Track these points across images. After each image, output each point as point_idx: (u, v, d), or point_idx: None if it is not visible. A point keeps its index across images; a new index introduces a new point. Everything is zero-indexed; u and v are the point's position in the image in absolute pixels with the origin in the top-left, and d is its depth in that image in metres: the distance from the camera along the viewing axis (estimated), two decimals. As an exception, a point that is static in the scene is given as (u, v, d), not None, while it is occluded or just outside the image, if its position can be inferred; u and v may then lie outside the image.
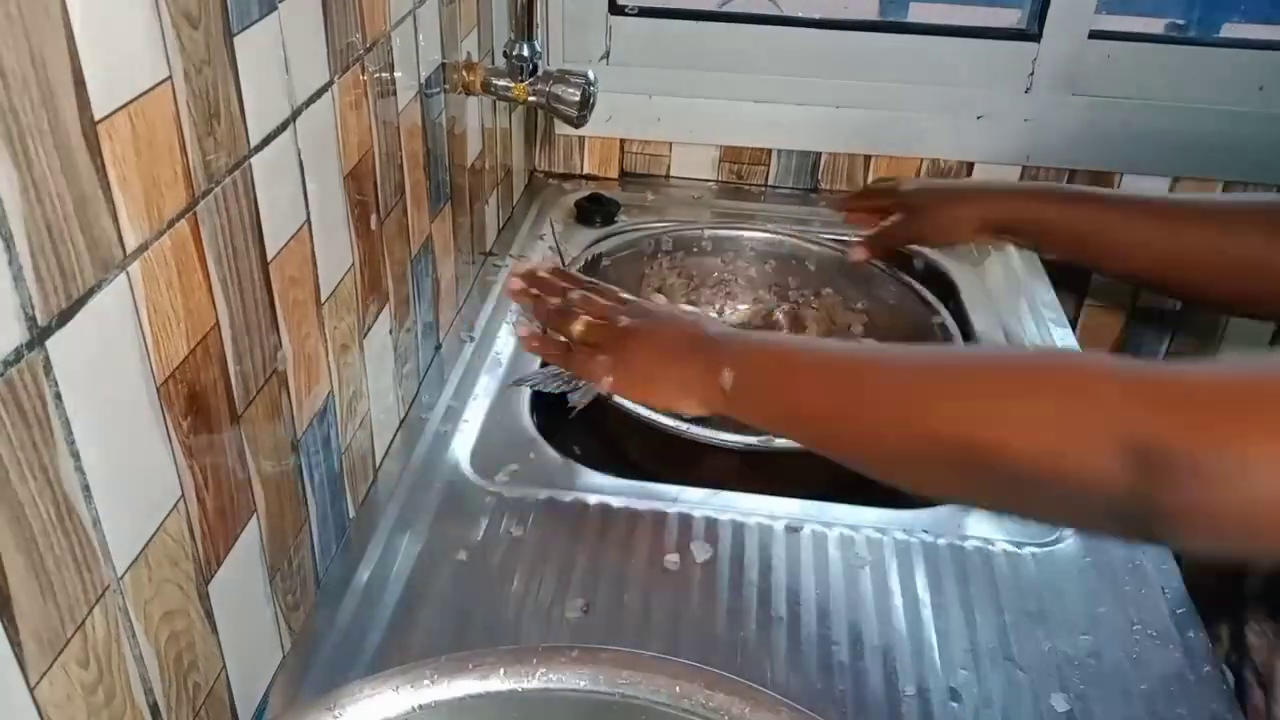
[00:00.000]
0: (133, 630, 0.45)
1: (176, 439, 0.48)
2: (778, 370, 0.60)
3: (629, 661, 0.51)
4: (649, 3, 1.21)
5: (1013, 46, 1.16)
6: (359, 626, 0.65)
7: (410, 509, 0.75)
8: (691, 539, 0.72)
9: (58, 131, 0.37)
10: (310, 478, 0.65)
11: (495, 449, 0.81)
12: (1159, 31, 1.37)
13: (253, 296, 0.54)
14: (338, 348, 0.67)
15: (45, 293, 0.37)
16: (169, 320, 0.46)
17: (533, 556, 0.71)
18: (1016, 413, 0.48)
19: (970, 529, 0.74)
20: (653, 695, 0.50)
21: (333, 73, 0.63)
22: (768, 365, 0.61)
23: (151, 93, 0.43)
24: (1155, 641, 0.66)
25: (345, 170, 0.66)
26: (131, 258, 0.43)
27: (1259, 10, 1.36)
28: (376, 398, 0.76)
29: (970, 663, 0.64)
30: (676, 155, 1.26)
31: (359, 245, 0.70)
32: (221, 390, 0.52)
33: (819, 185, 1.25)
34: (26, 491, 0.37)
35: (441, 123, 0.87)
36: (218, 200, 0.50)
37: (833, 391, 0.57)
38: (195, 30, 0.46)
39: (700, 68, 1.20)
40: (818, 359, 0.59)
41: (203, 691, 0.52)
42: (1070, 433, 0.46)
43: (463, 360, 0.92)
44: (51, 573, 0.39)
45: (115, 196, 0.41)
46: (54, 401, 0.39)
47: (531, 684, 0.50)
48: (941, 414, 0.51)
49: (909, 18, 1.62)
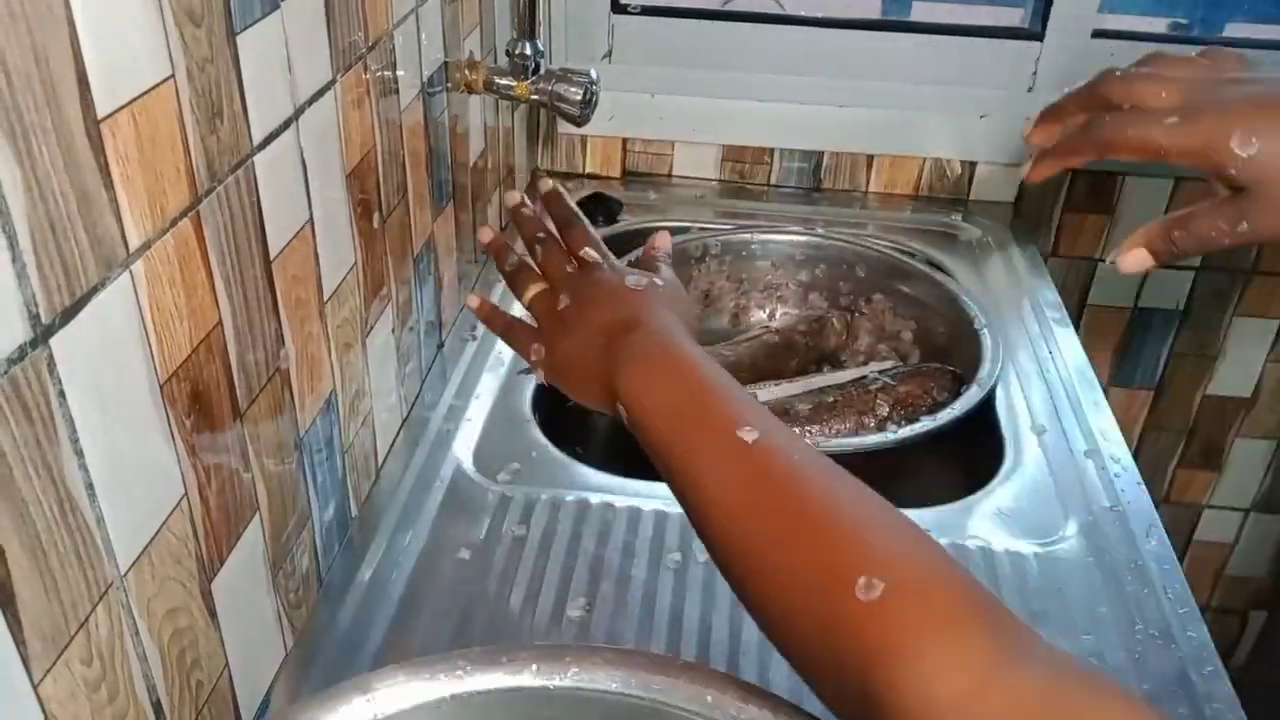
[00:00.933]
0: (136, 628, 0.45)
1: (179, 437, 0.48)
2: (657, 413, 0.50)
3: (662, 666, 0.50)
4: (651, 2, 1.21)
5: (1016, 46, 1.16)
6: (361, 625, 0.65)
7: (412, 508, 0.75)
8: (694, 539, 0.72)
9: (61, 129, 0.37)
10: (313, 476, 0.65)
11: (498, 448, 0.81)
12: (1162, 31, 1.37)
13: (255, 295, 0.54)
14: (340, 346, 0.67)
15: (49, 290, 0.38)
16: (172, 318, 0.46)
17: (535, 556, 0.71)
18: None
19: (972, 529, 0.74)
20: (684, 703, 0.49)
21: (335, 71, 0.63)
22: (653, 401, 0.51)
23: (154, 91, 0.43)
24: (1157, 642, 0.66)
25: (348, 169, 0.66)
26: (134, 256, 0.43)
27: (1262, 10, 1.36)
28: (379, 396, 0.76)
29: (972, 662, 0.64)
30: (679, 154, 1.26)
31: (361, 244, 0.70)
32: (224, 388, 0.52)
33: (821, 184, 1.25)
34: (30, 489, 0.37)
35: (444, 122, 0.87)
36: (220, 199, 0.50)
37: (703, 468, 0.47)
38: (198, 28, 0.46)
39: (703, 67, 1.20)
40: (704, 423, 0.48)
41: (205, 689, 0.53)
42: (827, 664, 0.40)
43: (465, 359, 0.92)
44: (55, 570, 0.39)
45: (118, 194, 0.41)
46: (57, 399, 0.39)
47: (563, 682, 0.50)
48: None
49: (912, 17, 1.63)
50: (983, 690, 0.35)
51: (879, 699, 0.36)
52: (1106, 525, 0.75)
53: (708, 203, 1.22)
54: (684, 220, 1.17)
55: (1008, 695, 0.35)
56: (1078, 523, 0.75)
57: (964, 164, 1.21)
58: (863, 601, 0.38)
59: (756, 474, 0.45)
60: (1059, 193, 1.22)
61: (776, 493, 0.44)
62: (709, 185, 1.26)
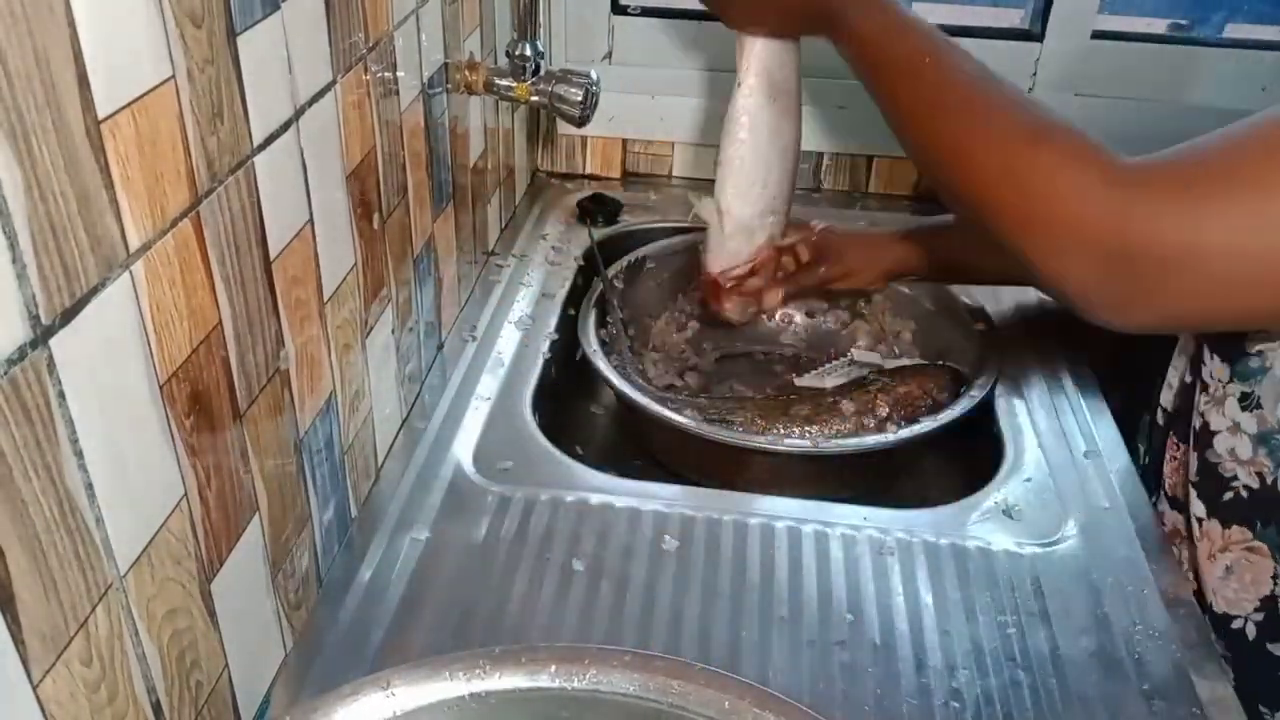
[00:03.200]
0: (135, 629, 0.45)
1: (179, 438, 0.48)
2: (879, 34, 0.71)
3: (680, 671, 0.50)
4: (651, 3, 1.21)
5: (1015, 46, 1.16)
6: (361, 625, 0.65)
7: (412, 508, 0.75)
8: (693, 539, 0.72)
9: (61, 130, 0.37)
10: (313, 477, 0.65)
11: (497, 449, 0.81)
12: (1162, 32, 1.36)
13: (255, 296, 0.54)
14: (340, 347, 0.67)
15: (49, 291, 0.38)
16: (172, 319, 0.46)
17: (534, 556, 0.71)
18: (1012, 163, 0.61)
19: (972, 529, 0.74)
20: (701, 708, 0.49)
21: (335, 72, 0.63)
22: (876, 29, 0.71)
23: (155, 92, 0.43)
24: (1157, 642, 0.66)
25: (348, 170, 0.66)
26: (135, 256, 0.43)
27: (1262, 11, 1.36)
28: (379, 397, 0.76)
29: (971, 663, 0.64)
30: (679, 155, 1.26)
31: (361, 245, 0.70)
32: (224, 389, 0.52)
33: (821, 185, 1.25)
34: (30, 489, 0.37)
35: (444, 122, 0.87)
36: (221, 199, 0.50)
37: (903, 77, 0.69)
38: (198, 29, 0.46)
39: (703, 68, 1.20)
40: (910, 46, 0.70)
41: (205, 690, 0.53)
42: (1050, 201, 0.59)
43: (465, 360, 0.92)
44: (54, 571, 0.39)
45: (119, 195, 0.41)
46: (57, 400, 0.39)
47: (580, 684, 0.50)
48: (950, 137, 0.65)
49: (911, 18, 1.62)
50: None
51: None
52: (1107, 525, 0.75)
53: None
54: (684, 221, 1.17)
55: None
56: (1077, 523, 0.75)
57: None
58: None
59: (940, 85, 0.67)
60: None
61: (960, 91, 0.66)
62: (709, 186, 1.26)
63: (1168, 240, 0.55)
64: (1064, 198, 0.57)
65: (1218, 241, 0.54)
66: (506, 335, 0.96)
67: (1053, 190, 0.58)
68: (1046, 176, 0.58)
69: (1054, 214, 0.58)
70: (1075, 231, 0.57)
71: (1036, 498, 0.78)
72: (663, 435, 0.88)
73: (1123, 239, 0.56)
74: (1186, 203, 0.55)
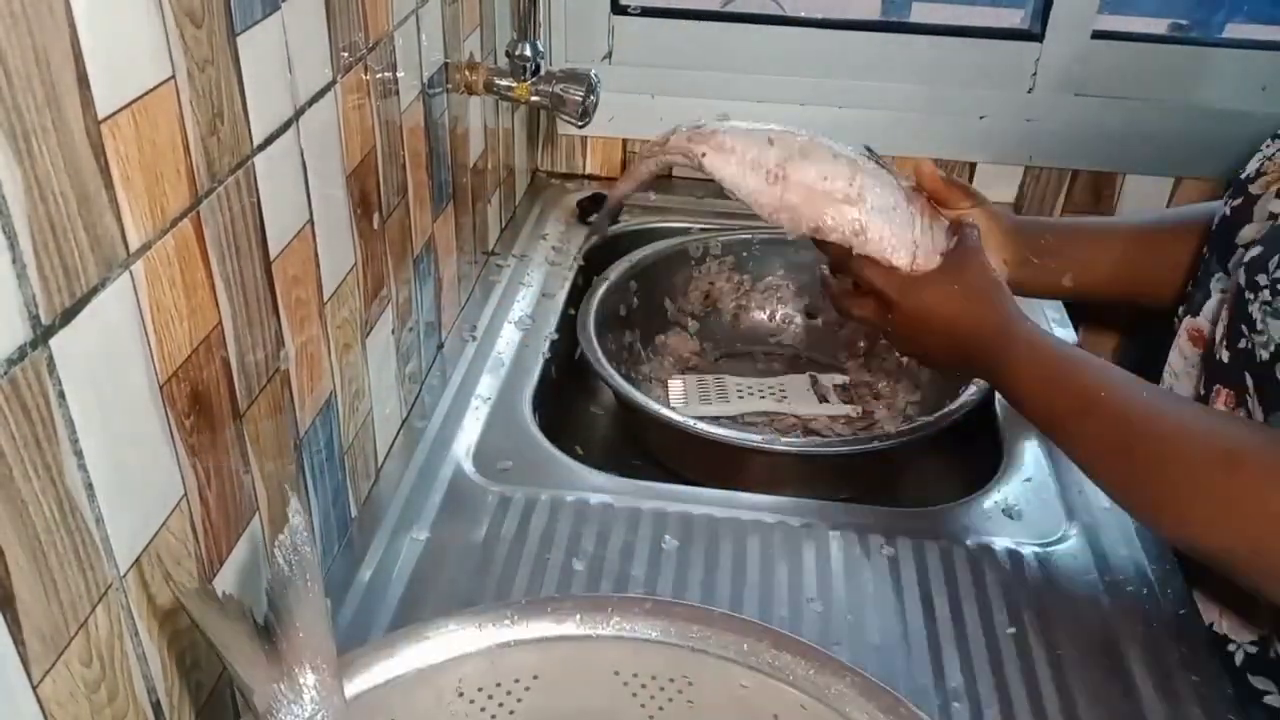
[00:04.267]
0: (135, 629, 0.45)
1: (179, 438, 0.48)
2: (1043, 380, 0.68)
3: (700, 616, 0.53)
4: (651, 3, 1.21)
5: (1015, 47, 1.16)
6: (361, 626, 0.65)
7: (412, 508, 0.75)
8: (694, 538, 0.72)
9: (61, 130, 0.37)
10: (313, 477, 0.65)
11: (497, 448, 0.81)
12: (1162, 32, 1.37)
13: (255, 296, 0.54)
14: (340, 347, 0.67)
15: (49, 291, 0.38)
16: (172, 319, 0.46)
17: (534, 556, 0.71)
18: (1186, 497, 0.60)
19: (972, 529, 0.74)
20: (721, 650, 0.52)
21: (335, 72, 0.63)
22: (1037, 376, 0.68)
23: (155, 92, 0.43)
24: (1158, 642, 0.66)
25: (348, 170, 0.66)
26: (135, 256, 0.43)
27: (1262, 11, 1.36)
28: (379, 397, 0.76)
29: (971, 663, 0.64)
30: (679, 155, 1.26)
31: (361, 245, 0.70)
32: (224, 389, 0.52)
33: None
34: (30, 489, 0.37)
35: (444, 122, 0.87)
36: (221, 199, 0.50)
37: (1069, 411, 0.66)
38: (198, 30, 0.46)
39: (703, 68, 1.20)
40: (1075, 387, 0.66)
41: (205, 690, 0.53)
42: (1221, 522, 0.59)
43: (465, 360, 0.92)
44: (54, 571, 0.39)
45: (119, 195, 0.41)
46: (57, 400, 0.39)
47: (605, 630, 0.53)
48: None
49: (912, 17, 1.63)
50: None
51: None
52: (1107, 525, 0.75)
53: (708, 203, 1.22)
54: (684, 221, 1.17)
55: None
56: (1078, 523, 0.75)
57: (964, 164, 1.21)
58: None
59: (1115, 424, 0.63)
60: (1059, 193, 1.22)
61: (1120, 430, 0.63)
62: (709, 186, 1.26)
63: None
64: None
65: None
66: (506, 335, 0.96)
67: (1264, 512, 0.57)
68: (1259, 502, 0.57)
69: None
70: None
71: (1037, 497, 0.78)
72: (663, 435, 0.89)
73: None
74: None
